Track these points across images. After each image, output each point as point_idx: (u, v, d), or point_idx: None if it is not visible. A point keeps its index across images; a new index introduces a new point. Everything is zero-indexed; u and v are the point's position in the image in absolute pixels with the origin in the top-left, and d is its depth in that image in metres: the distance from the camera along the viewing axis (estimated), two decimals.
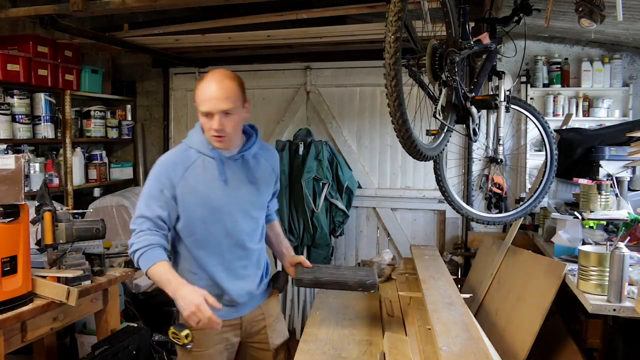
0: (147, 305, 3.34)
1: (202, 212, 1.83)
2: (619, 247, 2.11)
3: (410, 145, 1.69)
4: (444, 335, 1.70)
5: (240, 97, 1.78)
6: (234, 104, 1.75)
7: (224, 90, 1.73)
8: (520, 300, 2.75)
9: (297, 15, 3.13)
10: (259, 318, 2.02)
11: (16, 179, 1.99)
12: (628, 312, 2.09)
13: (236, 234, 1.88)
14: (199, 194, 1.82)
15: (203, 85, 1.75)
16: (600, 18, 2.13)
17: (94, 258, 2.45)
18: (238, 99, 1.77)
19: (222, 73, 1.77)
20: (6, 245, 1.98)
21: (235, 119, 1.77)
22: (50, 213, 2.27)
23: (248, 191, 1.90)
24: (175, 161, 1.83)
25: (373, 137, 4.39)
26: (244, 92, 1.81)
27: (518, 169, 3.91)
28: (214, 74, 1.77)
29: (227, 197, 1.85)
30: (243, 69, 4.57)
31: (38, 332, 2.16)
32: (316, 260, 4.03)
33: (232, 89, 1.75)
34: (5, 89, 3.55)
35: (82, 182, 4.21)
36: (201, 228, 1.84)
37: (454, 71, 1.88)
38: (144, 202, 1.81)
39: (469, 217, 2.58)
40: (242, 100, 1.79)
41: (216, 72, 1.77)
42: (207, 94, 1.73)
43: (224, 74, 1.77)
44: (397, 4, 1.54)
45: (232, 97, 1.74)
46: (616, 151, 3.10)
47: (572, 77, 3.85)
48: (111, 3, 2.66)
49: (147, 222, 1.80)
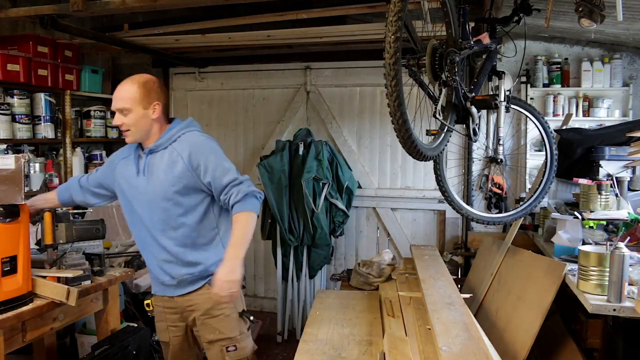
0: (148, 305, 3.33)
1: (122, 198, 2.15)
2: (619, 247, 2.11)
3: (410, 145, 1.69)
4: (444, 335, 1.70)
5: (132, 100, 2.00)
6: (128, 105, 2.00)
7: (123, 91, 2.02)
8: (520, 300, 2.75)
9: (297, 15, 3.13)
10: (190, 309, 2.13)
11: (16, 179, 1.99)
12: (628, 312, 2.09)
13: (147, 221, 2.08)
14: (121, 181, 2.13)
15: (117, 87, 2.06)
16: (600, 18, 2.13)
17: (94, 258, 2.45)
18: (130, 101, 2.00)
19: (130, 77, 2.06)
20: (6, 245, 1.98)
21: (133, 116, 2.01)
22: (50, 213, 2.27)
23: (155, 182, 2.04)
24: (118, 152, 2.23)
25: (373, 137, 4.39)
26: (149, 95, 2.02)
27: (518, 169, 3.91)
28: (127, 79, 2.07)
29: (138, 186, 2.07)
30: (243, 69, 4.59)
31: (38, 332, 2.16)
32: (316, 260, 4.04)
33: (129, 89, 2.02)
34: (5, 89, 3.55)
35: None
36: (125, 212, 2.17)
37: (454, 71, 1.88)
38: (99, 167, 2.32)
39: (469, 217, 2.58)
40: (134, 102, 2.00)
41: (129, 78, 2.06)
42: (115, 94, 2.05)
43: (131, 78, 2.05)
44: (397, 4, 1.54)
45: (126, 97, 2.01)
46: (616, 151, 3.10)
47: (572, 77, 3.85)
48: (111, 3, 2.66)
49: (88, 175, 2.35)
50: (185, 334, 2.20)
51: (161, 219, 2.04)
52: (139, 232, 2.14)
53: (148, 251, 2.14)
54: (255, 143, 4.64)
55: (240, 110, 4.66)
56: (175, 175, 2.01)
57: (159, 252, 2.08)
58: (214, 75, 4.69)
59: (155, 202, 2.03)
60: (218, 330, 2.10)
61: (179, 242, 2.05)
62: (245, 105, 4.64)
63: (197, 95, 4.77)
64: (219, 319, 2.10)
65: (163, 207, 2.03)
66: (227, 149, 4.79)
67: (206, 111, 4.75)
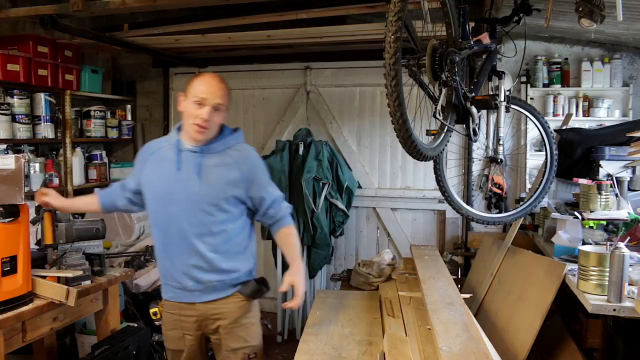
0: (147, 305, 3.33)
1: (152, 193, 2.05)
2: (619, 247, 2.11)
3: (410, 145, 1.69)
4: (444, 335, 1.70)
5: (228, 103, 2.01)
6: (225, 104, 1.98)
7: (222, 89, 1.97)
8: (520, 300, 2.75)
9: (297, 15, 3.13)
10: (214, 317, 2.04)
11: (16, 179, 1.99)
12: (628, 312, 2.09)
13: (182, 222, 1.98)
14: (153, 175, 2.04)
15: (203, 78, 1.99)
16: (600, 18, 2.13)
17: (94, 258, 2.45)
18: (227, 103, 2.00)
19: (214, 74, 2.03)
20: (6, 245, 1.98)
21: (219, 117, 1.98)
22: (50, 213, 2.27)
23: (198, 183, 1.96)
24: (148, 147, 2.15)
25: (373, 137, 4.39)
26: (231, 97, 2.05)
27: (518, 169, 3.91)
28: (214, 74, 2.03)
29: (176, 183, 1.98)
30: (243, 69, 4.58)
31: (38, 332, 2.16)
32: (316, 260, 4.03)
33: (227, 92, 2.00)
34: (5, 89, 3.55)
35: (82, 182, 4.20)
36: (152, 207, 2.07)
37: (454, 71, 1.88)
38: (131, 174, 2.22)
39: (469, 217, 2.58)
40: (228, 105, 2.01)
41: (215, 74, 2.03)
42: (208, 86, 1.94)
43: (216, 75, 2.02)
44: (397, 4, 1.54)
45: (226, 98, 1.99)
46: (616, 151, 3.10)
47: (572, 77, 3.85)
48: (111, 3, 2.66)
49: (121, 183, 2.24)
50: (199, 342, 2.11)
51: (202, 223, 1.97)
52: (165, 231, 2.02)
53: (171, 253, 2.02)
54: (255, 143, 4.63)
55: (240, 110, 4.65)
56: (228, 183, 1.98)
57: (188, 256, 1.99)
58: None
59: (198, 204, 1.96)
60: (244, 339, 2.07)
61: (215, 248, 2.00)
62: (245, 105, 4.64)
63: None
64: (246, 327, 2.08)
65: (207, 210, 1.97)
66: None
67: None
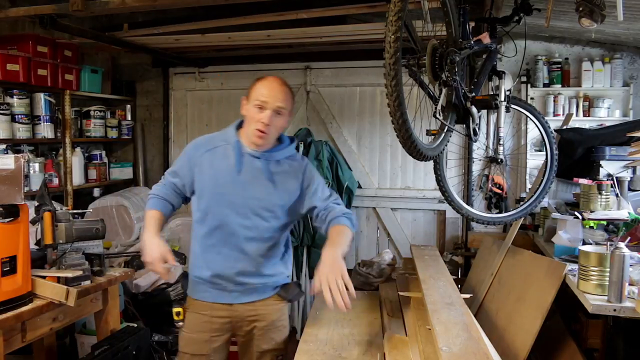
0: (147, 305, 3.33)
1: (208, 193, 1.98)
2: (619, 247, 2.11)
3: (410, 145, 1.69)
4: (444, 336, 1.70)
5: (291, 106, 1.99)
6: (287, 108, 1.95)
7: (285, 93, 1.94)
8: (520, 300, 2.74)
9: (297, 15, 3.12)
10: (250, 318, 2.04)
11: (16, 179, 1.99)
12: (628, 312, 2.09)
13: (232, 222, 1.96)
14: (210, 175, 1.97)
15: (266, 81, 1.95)
16: (600, 18, 2.13)
17: (93, 258, 2.45)
18: (290, 106, 1.97)
19: (278, 78, 1.99)
20: (6, 245, 1.97)
21: (281, 121, 1.94)
22: (50, 213, 2.27)
23: (256, 188, 1.96)
24: (202, 143, 2.06)
25: (373, 137, 4.38)
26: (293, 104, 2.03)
27: (518, 169, 3.90)
28: (277, 77, 1.99)
29: (235, 186, 1.95)
30: (243, 69, 4.58)
31: (38, 332, 2.16)
32: (316, 260, 4.02)
33: (290, 95, 1.97)
34: (4, 89, 3.54)
35: (81, 182, 4.20)
36: (204, 207, 1.99)
37: (454, 71, 1.88)
38: (170, 168, 2.13)
39: (469, 217, 2.58)
40: (291, 109, 1.99)
41: (279, 78, 1.99)
42: (270, 89, 1.92)
43: (280, 79, 1.99)
44: (397, 3, 1.54)
45: (288, 101, 1.95)
46: (616, 151, 3.09)
47: (573, 77, 3.85)
48: (111, 3, 2.66)
49: (165, 180, 2.09)
50: (226, 345, 2.09)
51: (255, 227, 1.97)
52: (213, 231, 1.98)
53: (217, 254, 1.99)
54: None
55: (240, 110, 4.64)
56: (286, 191, 2.00)
57: (235, 259, 1.98)
58: (214, 75, 4.68)
59: (255, 209, 1.96)
60: (275, 341, 2.08)
61: (263, 253, 2.01)
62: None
63: (197, 95, 4.77)
64: (279, 330, 2.10)
65: (263, 216, 1.97)
66: None
67: (206, 111, 4.75)
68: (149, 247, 1.86)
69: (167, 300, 3.30)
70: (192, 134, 4.78)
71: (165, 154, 4.85)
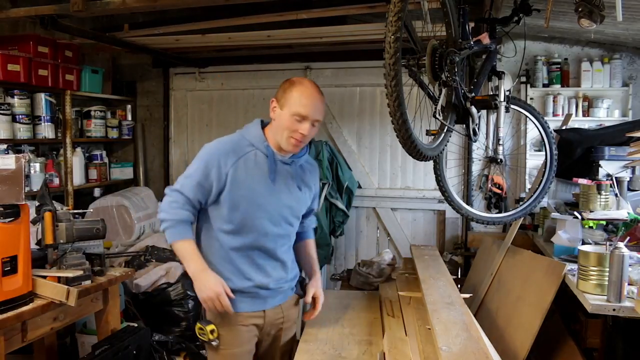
0: (148, 305, 3.33)
1: (245, 205, 1.85)
2: (618, 247, 2.11)
3: (410, 145, 1.69)
4: (444, 335, 1.70)
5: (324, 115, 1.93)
6: (322, 118, 1.90)
7: (322, 103, 1.87)
8: (520, 300, 2.75)
9: (297, 15, 3.13)
10: (279, 320, 2.03)
11: (16, 179, 1.99)
12: (628, 312, 2.09)
13: (270, 233, 1.91)
14: (246, 186, 1.85)
15: (305, 90, 1.83)
16: (599, 18, 2.13)
17: (94, 258, 2.45)
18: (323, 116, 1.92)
19: (318, 87, 1.88)
20: (6, 245, 1.97)
21: (315, 130, 1.88)
22: (50, 213, 2.27)
23: (289, 196, 1.94)
24: (227, 149, 1.86)
25: (373, 137, 4.39)
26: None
27: (518, 169, 3.91)
28: (313, 84, 1.88)
29: (271, 196, 1.88)
30: (243, 69, 4.59)
31: (38, 332, 2.16)
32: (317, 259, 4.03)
33: (325, 104, 1.90)
34: (5, 89, 3.55)
35: (82, 182, 4.21)
36: (240, 219, 1.86)
37: (454, 71, 1.89)
38: (187, 180, 1.85)
39: (469, 217, 2.58)
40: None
41: (314, 84, 1.88)
42: (310, 100, 1.82)
43: (317, 86, 1.88)
44: (397, 4, 1.55)
45: (323, 111, 1.89)
46: (616, 151, 3.10)
47: (572, 77, 3.85)
48: (111, 3, 2.66)
49: (182, 198, 1.85)
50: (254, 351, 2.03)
51: (286, 233, 1.97)
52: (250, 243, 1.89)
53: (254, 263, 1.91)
54: None
55: (240, 110, 4.66)
56: (309, 197, 2.02)
57: (272, 267, 1.95)
58: (214, 75, 4.69)
59: (287, 217, 1.93)
60: (290, 335, 2.11)
61: (290, 255, 2.03)
62: (245, 105, 4.64)
63: (197, 95, 4.77)
64: (295, 324, 2.14)
65: (291, 222, 1.96)
66: None
67: (206, 111, 4.75)
68: (206, 283, 1.78)
69: (167, 300, 3.30)
70: (192, 134, 4.79)
71: (166, 154, 4.85)
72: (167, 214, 1.85)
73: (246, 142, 1.89)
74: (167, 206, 1.86)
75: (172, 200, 1.86)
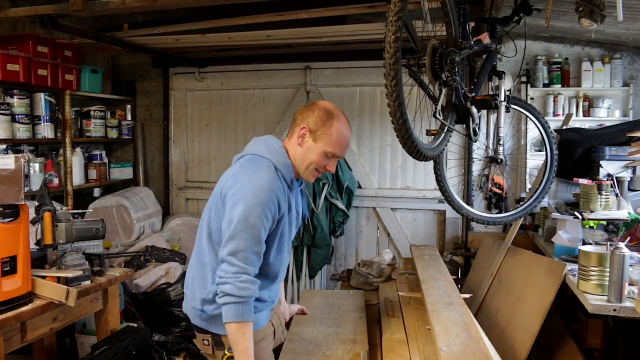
0: (147, 305, 3.34)
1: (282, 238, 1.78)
2: (619, 247, 2.11)
3: (410, 145, 1.69)
4: (444, 336, 1.70)
5: None
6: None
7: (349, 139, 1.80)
8: (520, 300, 2.74)
9: (297, 15, 3.12)
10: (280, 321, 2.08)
11: (16, 179, 1.99)
12: (628, 312, 2.09)
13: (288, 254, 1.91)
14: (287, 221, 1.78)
15: (343, 130, 1.74)
16: (600, 18, 2.13)
17: (93, 258, 2.45)
18: None
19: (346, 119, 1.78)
20: (6, 245, 1.97)
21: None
22: (50, 213, 2.27)
23: (298, 218, 1.92)
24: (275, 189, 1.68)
25: (373, 137, 4.39)
26: None
27: (518, 169, 3.91)
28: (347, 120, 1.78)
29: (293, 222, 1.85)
30: (243, 69, 4.59)
31: (38, 332, 2.16)
32: (316, 260, 4.03)
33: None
34: (5, 89, 3.55)
35: (82, 182, 4.20)
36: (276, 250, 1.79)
37: (454, 71, 1.88)
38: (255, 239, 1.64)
39: (469, 217, 2.58)
40: None
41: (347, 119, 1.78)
42: (346, 140, 1.77)
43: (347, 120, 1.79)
44: (397, 3, 1.54)
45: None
46: (616, 151, 3.10)
47: (572, 77, 3.85)
48: (111, 3, 2.66)
49: (255, 265, 1.66)
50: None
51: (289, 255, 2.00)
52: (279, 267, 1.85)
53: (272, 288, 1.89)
54: None
55: (240, 110, 4.66)
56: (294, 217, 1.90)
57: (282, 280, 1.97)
58: (214, 75, 4.69)
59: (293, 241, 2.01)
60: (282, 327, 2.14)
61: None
62: (245, 105, 4.64)
63: (197, 95, 4.77)
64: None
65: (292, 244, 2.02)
66: (226, 149, 4.80)
67: (206, 111, 4.75)
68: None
69: (167, 300, 3.30)
70: (192, 133, 4.78)
71: (165, 154, 4.85)
72: (234, 287, 1.61)
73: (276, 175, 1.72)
74: (235, 276, 1.62)
75: (241, 269, 1.62)
